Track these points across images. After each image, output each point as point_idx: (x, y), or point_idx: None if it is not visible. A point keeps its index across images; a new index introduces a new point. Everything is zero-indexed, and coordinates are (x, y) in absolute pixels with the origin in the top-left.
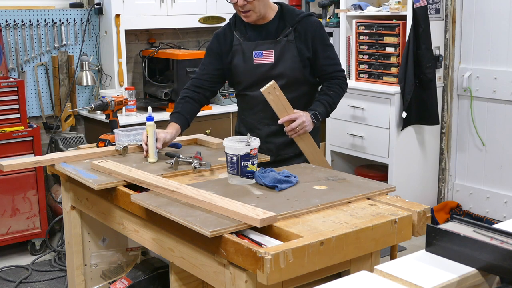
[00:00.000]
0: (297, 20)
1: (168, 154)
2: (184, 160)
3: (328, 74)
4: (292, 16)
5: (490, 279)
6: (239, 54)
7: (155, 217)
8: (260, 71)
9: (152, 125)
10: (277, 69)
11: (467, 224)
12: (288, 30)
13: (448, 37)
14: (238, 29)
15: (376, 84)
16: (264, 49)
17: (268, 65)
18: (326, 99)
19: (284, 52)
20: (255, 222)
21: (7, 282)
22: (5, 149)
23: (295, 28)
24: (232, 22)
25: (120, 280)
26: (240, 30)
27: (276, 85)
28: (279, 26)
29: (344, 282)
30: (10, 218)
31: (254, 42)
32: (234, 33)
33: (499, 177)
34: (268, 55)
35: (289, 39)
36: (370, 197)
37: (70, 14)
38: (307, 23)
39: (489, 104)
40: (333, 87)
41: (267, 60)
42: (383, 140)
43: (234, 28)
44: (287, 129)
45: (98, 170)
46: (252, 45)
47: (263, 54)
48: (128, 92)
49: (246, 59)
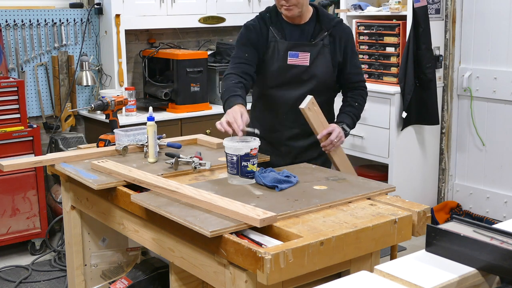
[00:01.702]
0: (333, 24)
1: (168, 154)
2: (184, 160)
3: (353, 83)
4: (327, 20)
5: (490, 279)
6: (273, 52)
7: (155, 217)
8: (292, 72)
9: (153, 125)
10: (309, 72)
11: (467, 224)
12: (324, 34)
13: (448, 37)
14: (275, 25)
15: (376, 84)
16: (300, 50)
17: (303, 68)
18: (352, 110)
19: (319, 56)
20: (255, 222)
21: (7, 282)
22: (5, 149)
23: (330, 32)
24: (267, 17)
25: (120, 280)
26: (277, 27)
27: (314, 100)
28: (315, 29)
29: (344, 282)
30: (10, 218)
31: (291, 42)
32: (271, 28)
33: (499, 177)
34: (304, 57)
35: (324, 43)
36: (370, 197)
37: (70, 14)
38: (341, 28)
39: (489, 104)
40: (357, 98)
41: (302, 62)
42: (383, 140)
43: (271, 24)
44: (326, 143)
45: (98, 170)
46: (289, 45)
47: (298, 55)
48: (128, 92)
49: (279, 57)
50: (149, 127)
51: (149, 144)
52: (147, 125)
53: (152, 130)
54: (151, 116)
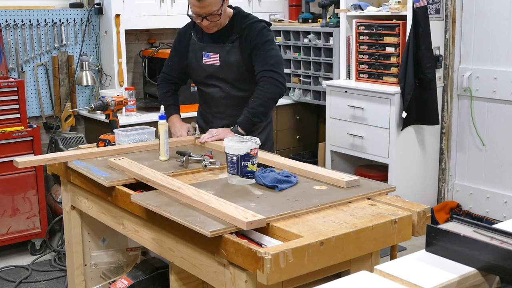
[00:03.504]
0: (243, 27)
1: (179, 152)
2: (195, 158)
3: (259, 78)
4: (240, 24)
5: (490, 279)
6: (193, 53)
7: (155, 217)
8: (208, 70)
9: (164, 124)
10: (221, 71)
11: (467, 224)
12: (234, 36)
13: (448, 37)
14: (196, 30)
15: (376, 84)
16: (211, 51)
17: (215, 66)
18: (247, 109)
19: (229, 56)
20: (242, 224)
21: (7, 282)
22: (5, 149)
23: (240, 34)
24: (192, 22)
25: (120, 280)
26: (196, 31)
27: None
28: (227, 32)
29: (344, 282)
30: (10, 218)
31: (204, 44)
32: (192, 32)
33: (499, 177)
34: (214, 57)
35: (234, 45)
36: (370, 197)
37: (70, 14)
38: (251, 29)
39: (489, 104)
40: (256, 92)
41: (214, 62)
42: (383, 140)
43: (193, 28)
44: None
45: (113, 167)
46: (202, 46)
47: (210, 56)
48: (128, 92)
49: (197, 58)
50: (160, 125)
51: (160, 142)
52: (158, 124)
53: (163, 128)
54: (163, 115)
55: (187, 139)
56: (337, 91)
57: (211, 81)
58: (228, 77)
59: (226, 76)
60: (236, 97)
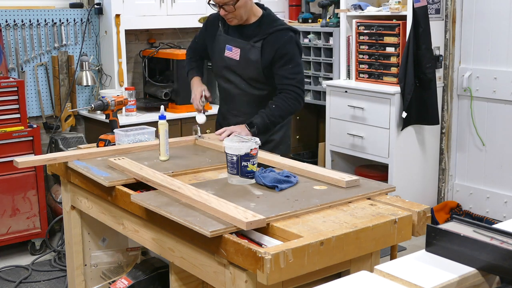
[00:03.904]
0: (271, 31)
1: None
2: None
3: (281, 85)
4: (268, 27)
5: (490, 279)
6: (217, 43)
7: (155, 217)
8: (227, 63)
9: (164, 124)
10: (239, 66)
11: (467, 224)
12: (259, 37)
13: (448, 37)
14: (223, 21)
15: (376, 84)
16: (233, 45)
17: (234, 61)
18: (266, 111)
19: (249, 54)
20: (242, 224)
21: (7, 282)
22: (5, 149)
23: (266, 37)
24: None
25: (120, 280)
26: (224, 23)
27: None
28: (254, 31)
29: (344, 282)
30: (10, 218)
31: (228, 37)
32: (219, 23)
33: (499, 177)
34: (236, 51)
35: (256, 45)
36: (370, 197)
37: (70, 14)
38: (277, 36)
39: (489, 104)
40: (278, 100)
41: (234, 56)
42: (383, 140)
43: (221, 19)
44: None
45: (113, 167)
46: (227, 39)
47: (232, 49)
48: (128, 92)
49: (220, 49)
50: (160, 125)
51: (160, 142)
52: (158, 124)
53: (163, 128)
54: (163, 115)
55: (187, 139)
56: (337, 91)
57: (229, 75)
58: (244, 74)
59: (243, 73)
60: (252, 95)
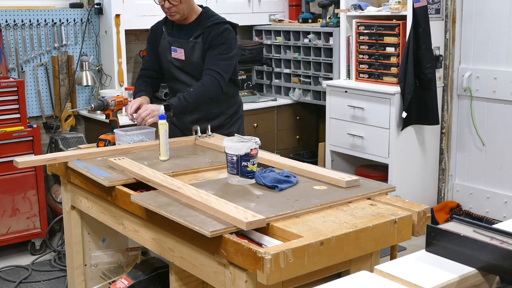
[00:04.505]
0: (208, 25)
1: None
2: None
3: (204, 70)
4: (206, 22)
5: (490, 279)
6: (163, 48)
7: (155, 217)
8: (175, 64)
9: (164, 124)
10: (186, 65)
11: (467, 224)
12: (199, 33)
13: (448, 37)
14: (167, 25)
15: (376, 84)
16: (177, 46)
17: (181, 61)
18: (184, 94)
19: (193, 52)
20: (242, 224)
21: (7, 282)
22: (5, 149)
23: (203, 31)
24: (164, 18)
25: (120, 280)
26: (167, 26)
27: None
28: (194, 29)
29: (344, 282)
30: (10, 218)
31: (173, 38)
32: (163, 28)
33: (499, 177)
34: (180, 52)
35: (197, 41)
36: (370, 197)
37: (70, 14)
38: (213, 29)
39: (489, 104)
40: (197, 84)
41: (180, 57)
42: (383, 140)
43: (164, 23)
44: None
45: (113, 167)
46: (171, 41)
47: (177, 50)
48: (128, 92)
49: (167, 53)
50: (160, 125)
51: (160, 142)
52: (158, 124)
53: (164, 128)
54: (163, 115)
55: (187, 139)
56: (337, 91)
57: (178, 75)
58: (193, 72)
59: (191, 71)
60: None
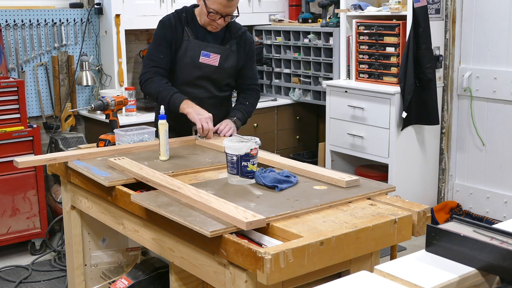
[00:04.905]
0: (240, 34)
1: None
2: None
3: (247, 85)
4: (235, 29)
5: (490, 279)
6: (186, 50)
7: (155, 217)
8: (203, 70)
9: (164, 124)
10: (217, 72)
11: (467, 224)
12: (233, 41)
13: (448, 37)
14: (190, 26)
15: (376, 84)
16: (212, 51)
17: (212, 67)
18: (243, 107)
19: (227, 59)
20: (242, 224)
21: (7, 282)
22: (5, 149)
23: (237, 40)
24: (183, 17)
25: (120, 280)
26: (191, 28)
27: None
28: (225, 36)
29: (344, 282)
30: (10, 218)
31: (204, 42)
32: (186, 28)
33: (499, 177)
34: (214, 58)
35: (232, 49)
36: (370, 197)
37: (70, 14)
38: (246, 37)
39: (489, 104)
40: (249, 98)
41: (212, 62)
42: (383, 140)
43: (186, 24)
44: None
45: (113, 167)
46: (202, 45)
47: (210, 56)
48: (128, 92)
49: (193, 56)
50: (160, 125)
51: (160, 142)
52: (158, 124)
53: (163, 128)
54: (163, 115)
55: (187, 139)
56: (337, 91)
57: (201, 82)
58: (221, 78)
59: (219, 77)
60: (218, 97)
